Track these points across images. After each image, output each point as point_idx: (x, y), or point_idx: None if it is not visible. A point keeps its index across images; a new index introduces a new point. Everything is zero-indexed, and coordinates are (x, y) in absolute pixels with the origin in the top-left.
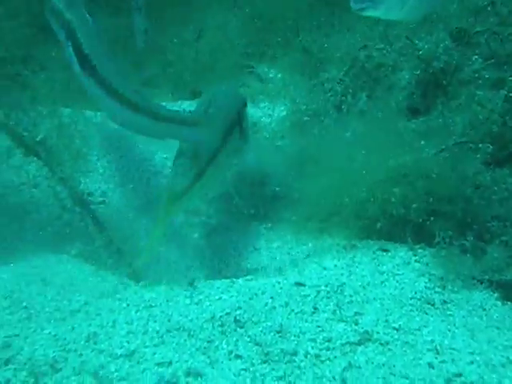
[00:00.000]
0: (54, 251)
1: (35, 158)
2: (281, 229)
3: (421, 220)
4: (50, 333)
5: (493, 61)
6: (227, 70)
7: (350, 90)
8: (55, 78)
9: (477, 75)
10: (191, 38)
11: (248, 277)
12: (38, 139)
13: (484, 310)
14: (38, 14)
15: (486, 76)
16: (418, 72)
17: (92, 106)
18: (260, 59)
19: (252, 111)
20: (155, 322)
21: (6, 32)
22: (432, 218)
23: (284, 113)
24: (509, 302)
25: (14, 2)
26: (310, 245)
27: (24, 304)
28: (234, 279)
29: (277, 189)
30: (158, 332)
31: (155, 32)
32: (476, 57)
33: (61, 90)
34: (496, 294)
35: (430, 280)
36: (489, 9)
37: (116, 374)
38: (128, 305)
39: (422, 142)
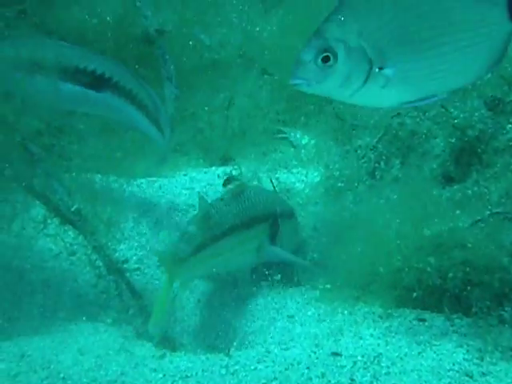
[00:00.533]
0: (91, 319)
1: (71, 227)
2: (315, 296)
3: (457, 290)
4: None
5: None
6: (258, 136)
7: (384, 157)
8: (89, 145)
9: (511, 144)
10: (222, 105)
11: (283, 346)
12: (72, 209)
13: None
14: None
15: None
16: (453, 140)
17: (126, 173)
18: (292, 126)
19: (285, 177)
20: None
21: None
22: (469, 288)
23: (317, 178)
24: None
25: None
26: (345, 313)
27: (61, 375)
28: (270, 348)
29: (314, 255)
30: None
31: (185, 100)
32: (510, 125)
33: (94, 158)
34: None
35: (468, 351)
36: None
37: None
38: (164, 375)
39: (458, 212)
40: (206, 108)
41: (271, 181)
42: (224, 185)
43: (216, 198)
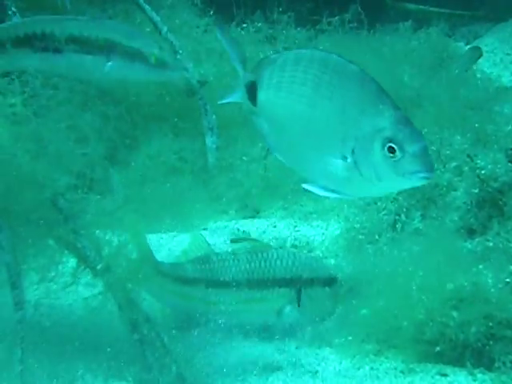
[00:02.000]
0: (113, 377)
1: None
2: (337, 350)
3: (480, 344)
4: None
5: None
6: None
7: (404, 209)
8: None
9: None
10: (259, 155)
11: None
12: (99, 267)
13: None
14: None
15: None
16: (477, 191)
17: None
18: None
19: (305, 229)
20: None
21: (77, 159)
22: (491, 343)
23: (338, 231)
24: None
25: (84, 128)
26: (366, 368)
27: None
28: None
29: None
30: None
31: (224, 150)
32: None
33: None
34: None
35: None
36: None
37: None
38: None
39: (480, 265)
40: (245, 158)
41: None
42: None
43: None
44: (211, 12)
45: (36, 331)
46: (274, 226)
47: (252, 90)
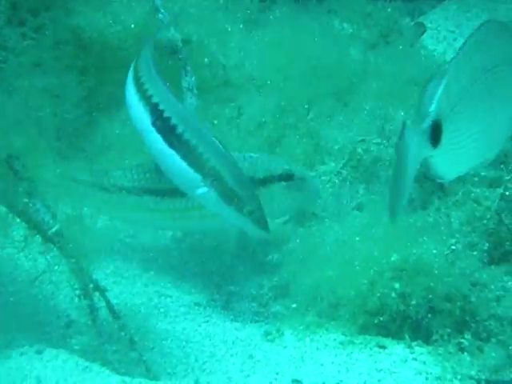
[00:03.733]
0: (60, 343)
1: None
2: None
3: (420, 317)
4: None
5: None
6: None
7: (348, 183)
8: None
9: (473, 173)
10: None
11: (245, 373)
12: (53, 230)
13: None
14: None
15: (483, 174)
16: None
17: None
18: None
19: None
20: None
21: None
22: (430, 315)
23: None
24: None
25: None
26: (306, 340)
27: None
28: (231, 377)
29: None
30: None
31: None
32: None
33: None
34: None
35: (427, 379)
36: None
37: None
38: None
39: (422, 238)
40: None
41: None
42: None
43: None
44: None
45: None
46: None
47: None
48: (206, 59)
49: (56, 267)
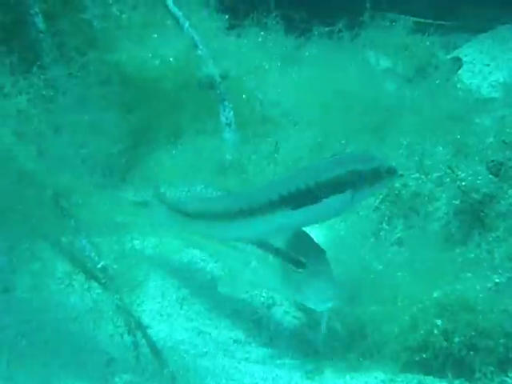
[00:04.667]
0: (102, 381)
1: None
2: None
3: (462, 354)
4: None
5: None
6: None
7: (386, 218)
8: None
9: None
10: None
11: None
12: (99, 266)
13: None
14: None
15: None
16: (458, 202)
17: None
18: None
19: None
20: None
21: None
22: (472, 353)
23: (322, 239)
24: None
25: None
26: (347, 377)
27: None
28: None
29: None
30: None
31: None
32: None
33: None
34: None
35: None
36: None
37: None
38: None
39: (462, 275)
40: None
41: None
42: None
43: None
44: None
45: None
46: None
47: None
48: (243, 95)
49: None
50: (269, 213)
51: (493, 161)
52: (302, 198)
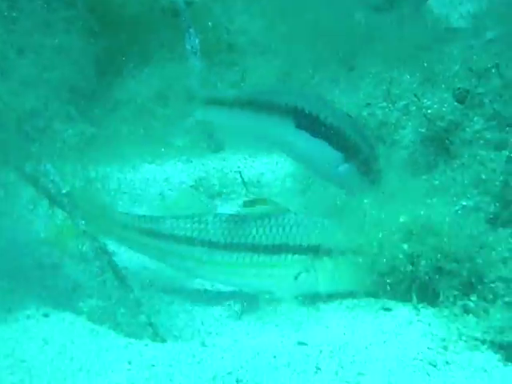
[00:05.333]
0: (67, 306)
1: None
2: None
3: (427, 277)
4: None
5: (495, 122)
6: None
7: None
8: (84, 132)
9: (479, 135)
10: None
11: (251, 336)
12: (64, 191)
13: (486, 371)
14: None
15: (488, 136)
16: (424, 130)
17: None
18: None
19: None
20: (156, 381)
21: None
22: (437, 276)
23: (288, 169)
24: (510, 364)
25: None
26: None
27: (25, 364)
28: (238, 339)
29: None
30: None
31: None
32: (478, 117)
33: (89, 145)
34: (498, 356)
35: (432, 340)
36: (493, 71)
37: None
38: (130, 363)
39: (431, 200)
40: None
41: (240, 173)
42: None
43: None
44: None
45: None
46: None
47: None
48: (209, 23)
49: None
50: None
51: (459, 88)
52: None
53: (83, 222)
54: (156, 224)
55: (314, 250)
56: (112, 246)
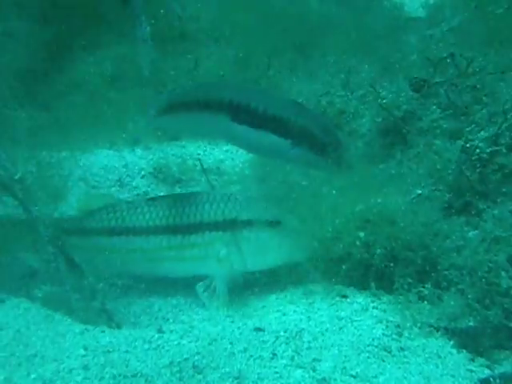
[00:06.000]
0: (20, 292)
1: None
2: None
3: (383, 265)
4: (4, 378)
5: (451, 111)
6: None
7: None
8: (36, 116)
9: (435, 125)
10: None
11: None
12: (16, 177)
13: (440, 357)
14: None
15: (444, 126)
16: (380, 120)
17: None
18: None
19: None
20: (112, 367)
21: None
22: (392, 264)
23: (247, 156)
24: (464, 350)
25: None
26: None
27: None
28: (194, 325)
29: None
30: (115, 378)
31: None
32: (434, 107)
33: (42, 130)
34: (452, 342)
35: (387, 327)
36: (448, 60)
37: None
38: (86, 349)
39: (387, 189)
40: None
41: (200, 160)
42: None
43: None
44: None
45: None
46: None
47: None
48: (161, 10)
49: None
50: None
51: (416, 78)
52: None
53: (36, 208)
54: (78, 222)
55: (232, 225)
56: None
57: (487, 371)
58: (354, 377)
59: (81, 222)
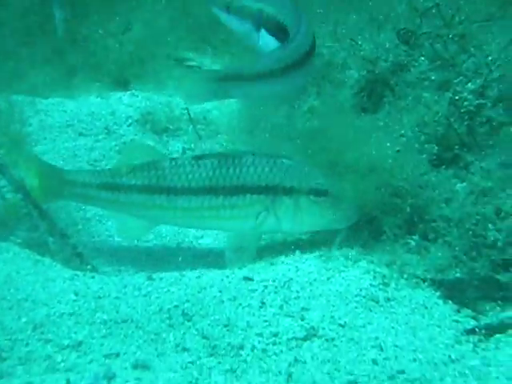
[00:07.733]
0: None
1: None
2: None
3: (371, 215)
4: None
5: (439, 63)
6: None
7: None
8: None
9: (423, 76)
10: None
11: (197, 271)
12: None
13: (426, 308)
14: None
15: (432, 78)
16: (364, 72)
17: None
18: (200, 54)
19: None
20: (103, 313)
21: None
22: (381, 213)
23: (234, 106)
24: (450, 301)
25: None
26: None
27: None
28: (184, 272)
29: None
30: (105, 323)
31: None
32: (422, 58)
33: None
34: (438, 293)
35: (374, 277)
36: (433, 11)
37: (62, 364)
38: (76, 295)
39: (376, 139)
40: (101, 31)
41: (187, 109)
42: None
43: None
44: None
45: None
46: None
47: None
48: None
49: None
50: None
51: (404, 29)
52: None
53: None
54: (112, 177)
55: (273, 190)
56: None
57: (473, 322)
58: (342, 326)
59: (120, 177)
